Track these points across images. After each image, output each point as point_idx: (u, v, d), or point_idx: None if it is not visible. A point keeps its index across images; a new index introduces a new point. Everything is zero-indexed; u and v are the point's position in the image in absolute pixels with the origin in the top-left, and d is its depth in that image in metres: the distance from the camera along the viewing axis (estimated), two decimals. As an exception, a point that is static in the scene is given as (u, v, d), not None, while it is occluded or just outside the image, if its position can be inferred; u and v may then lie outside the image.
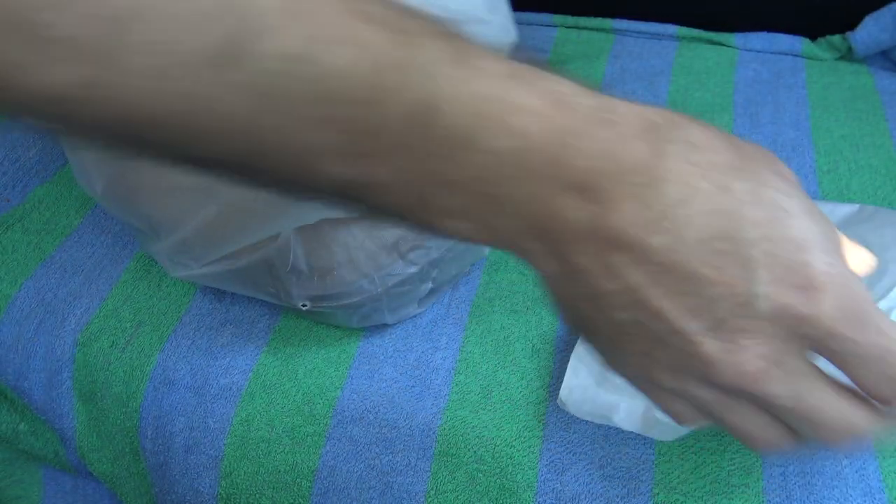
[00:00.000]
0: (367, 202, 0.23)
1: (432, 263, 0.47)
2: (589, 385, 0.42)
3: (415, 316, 0.51)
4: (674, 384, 0.24)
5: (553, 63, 0.83)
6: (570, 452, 0.44)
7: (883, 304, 0.42)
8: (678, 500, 0.42)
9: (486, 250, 0.52)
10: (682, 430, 0.38)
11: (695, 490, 0.42)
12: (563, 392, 0.42)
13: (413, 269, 0.46)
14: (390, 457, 0.45)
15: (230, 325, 0.52)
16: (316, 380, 0.48)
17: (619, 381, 0.42)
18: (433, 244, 0.47)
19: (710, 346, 0.22)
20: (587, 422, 0.45)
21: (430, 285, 0.49)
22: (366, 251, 0.44)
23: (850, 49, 0.74)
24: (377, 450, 0.45)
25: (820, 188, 0.60)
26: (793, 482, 0.42)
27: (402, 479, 0.44)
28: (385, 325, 0.50)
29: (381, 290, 0.46)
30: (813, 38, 0.76)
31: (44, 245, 0.58)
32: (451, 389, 0.47)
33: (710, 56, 0.76)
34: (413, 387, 0.47)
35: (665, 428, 0.39)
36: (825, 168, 0.61)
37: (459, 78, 0.21)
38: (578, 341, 0.44)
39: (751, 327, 0.22)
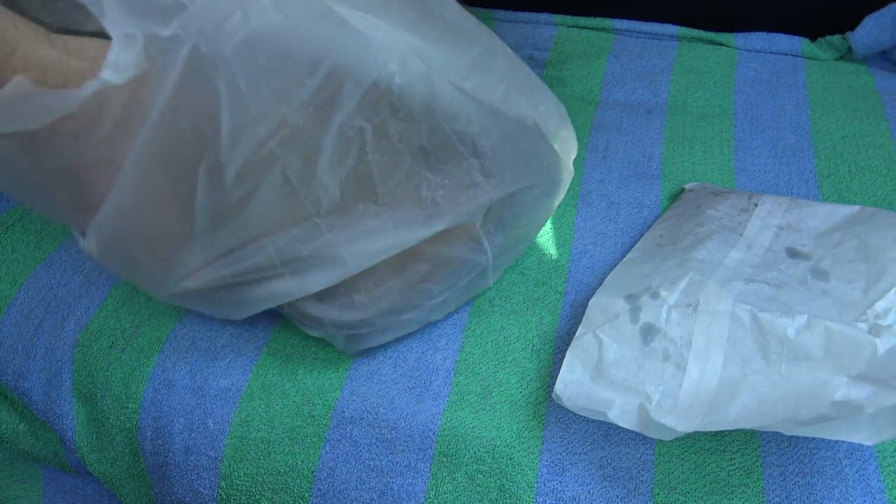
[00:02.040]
0: None
1: (434, 307, 0.47)
2: (584, 381, 0.42)
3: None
4: None
5: (553, 63, 0.83)
6: (570, 453, 0.44)
7: (882, 304, 0.42)
8: (678, 500, 0.42)
9: (490, 281, 0.50)
10: (679, 431, 0.38)
11: (695, 490, 0.42)
12: (559, 386, 0.42)
13: (411, 315, 0.46)
14: (390, 458, 0.45)
15: (230, 325, 0.52)
16: (315, 380, 0.48)
17: (614, 377, 0.42)
18: (437, 288, 0.46)
19: None
20: (587, 422, 0.45)
21: (426, 321, 0.49)
22: (368, 293, 0.44)
23: (850, 49, 0.74)
24: (377, 451, 0.45)
25: (821, 191, 0.60)
26: (793, 482, 0.42)
27: (402, 480, 0.44)
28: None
29: (378, 327, 0.46)
30: (813, 38, 0.77)
31: (44, 245, 0.58)
32: (450, 390, 0.47)
33: (710, 56, 0.76)
34: (412, 387, 0.47)
35: (660, 426, 0.38)
36: (826, 172, 0.61)
37: None
38: (575, 337, 0.44)
39: None
